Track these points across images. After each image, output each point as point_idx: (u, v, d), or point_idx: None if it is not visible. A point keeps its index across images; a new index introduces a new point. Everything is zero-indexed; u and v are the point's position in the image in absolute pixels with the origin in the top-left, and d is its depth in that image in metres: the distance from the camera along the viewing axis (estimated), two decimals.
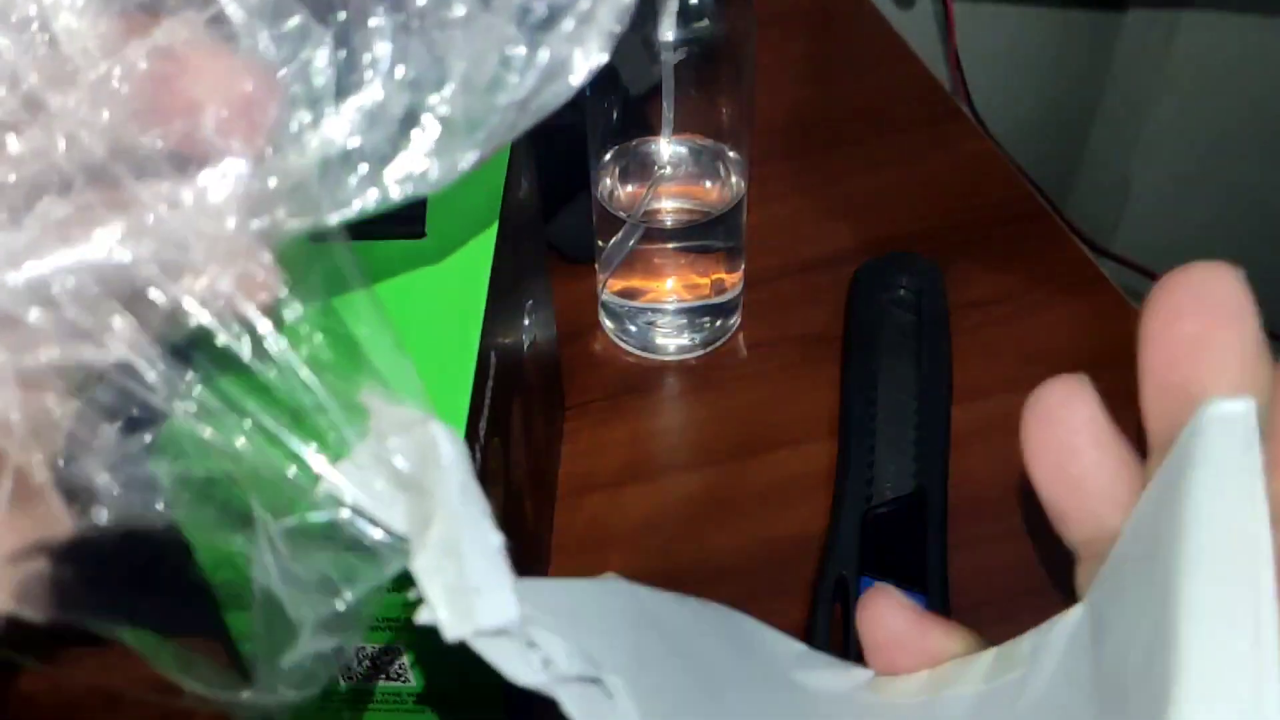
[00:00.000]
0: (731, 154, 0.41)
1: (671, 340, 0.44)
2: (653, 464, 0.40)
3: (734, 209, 0.41)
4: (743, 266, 0.43)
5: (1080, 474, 0.16)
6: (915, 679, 0.19)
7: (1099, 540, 0.17)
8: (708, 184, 0.41)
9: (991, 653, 0.18)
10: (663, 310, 0.43)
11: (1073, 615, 0.17)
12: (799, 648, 0.20)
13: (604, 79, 0.37)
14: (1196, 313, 0.15)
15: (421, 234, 0.28)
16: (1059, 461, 0.17)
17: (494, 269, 0.27)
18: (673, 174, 0.41)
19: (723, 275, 0.42)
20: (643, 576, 0.37)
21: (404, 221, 0.28)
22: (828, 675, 0.20)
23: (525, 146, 0.32)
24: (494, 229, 0.28)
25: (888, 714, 0.18)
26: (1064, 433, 0.17)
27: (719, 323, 0.44)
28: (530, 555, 0.33)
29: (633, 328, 0.44)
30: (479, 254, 0.28)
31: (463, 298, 0.26)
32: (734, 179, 0.41)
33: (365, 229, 0.28)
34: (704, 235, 0.41)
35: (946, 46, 0.76)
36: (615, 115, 0.39)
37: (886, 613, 0.19)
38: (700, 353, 0.44)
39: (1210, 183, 0.87)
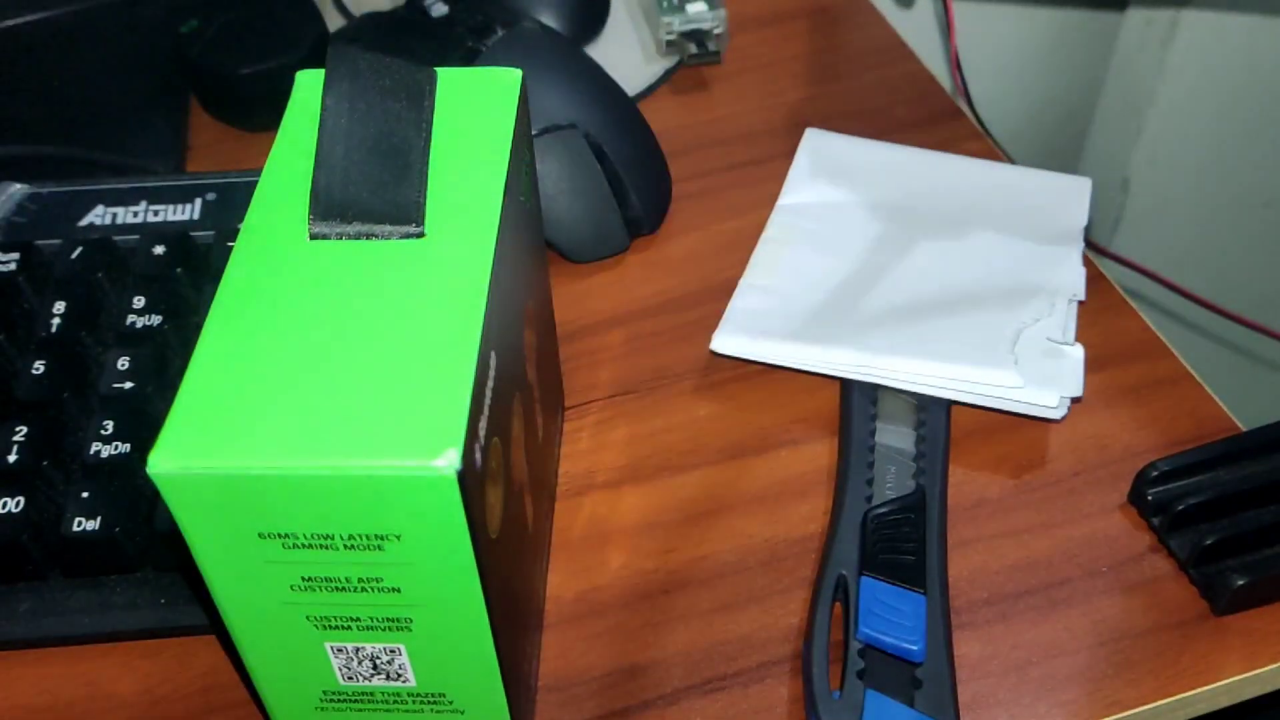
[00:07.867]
0: None
1: None
2: (652, 464, 0.40)
3: None
4: None
5: None
6: None
7: None
8: None
9: None
10: None
11: None
12: None
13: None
14: None
15: (420, 233, 0.28)
16: None
17: (494, 268, 0.27)
18: None
19: None
20: (643, 575, 0.37)
21: (403, 220, 0.28)
22: None
23: (526, 146, 0.32)
24: (494, 228, 0.28)
25: None
26: None
27: None
28: (531, 555, 0.33)
29: None
30: (479, 253, 0.28)
31: (463, 297, 0.26)
32: None
33: (362, 229, 0.28)
34: None
35: (947, 46, 0.76)
36: None
37: None
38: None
39: (1210, 182, 0.87)
